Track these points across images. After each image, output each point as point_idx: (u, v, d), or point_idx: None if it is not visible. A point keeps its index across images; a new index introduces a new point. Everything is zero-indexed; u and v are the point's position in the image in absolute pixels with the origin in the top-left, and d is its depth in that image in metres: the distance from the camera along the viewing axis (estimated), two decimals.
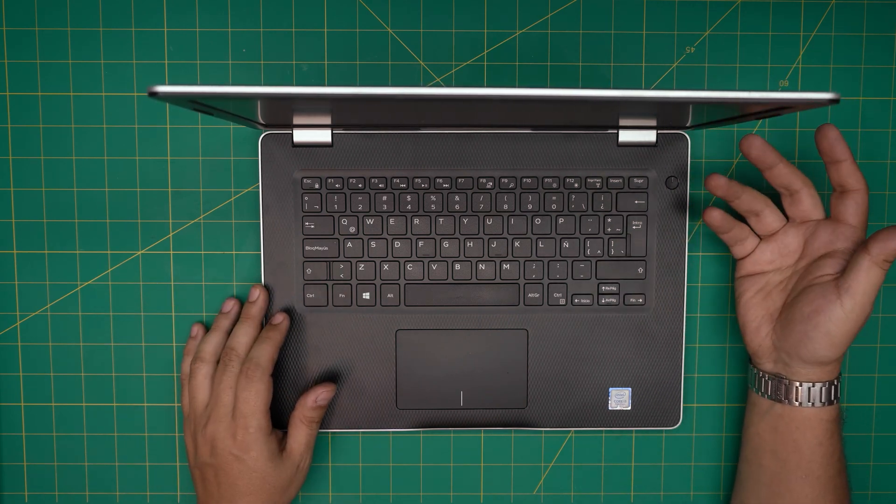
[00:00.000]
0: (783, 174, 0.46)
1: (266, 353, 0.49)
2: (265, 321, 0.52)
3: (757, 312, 0.49)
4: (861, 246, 0.44)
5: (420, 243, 0.52)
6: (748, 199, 0.47)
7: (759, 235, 0.49)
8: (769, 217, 0.48)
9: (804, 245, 0.47)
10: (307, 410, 0.50)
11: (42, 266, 0.54)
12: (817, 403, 0.47)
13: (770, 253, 0.48)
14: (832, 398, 0.47)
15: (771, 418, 0.49)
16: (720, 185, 0.46)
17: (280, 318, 0.51)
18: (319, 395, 0.50)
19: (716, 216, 0.47)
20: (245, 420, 0.47)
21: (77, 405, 0.55)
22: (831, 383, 0.47)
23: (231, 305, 0.52)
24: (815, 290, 0.45)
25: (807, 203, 0.47)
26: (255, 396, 0.48)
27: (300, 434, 0.50)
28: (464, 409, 0.53)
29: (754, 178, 0.54)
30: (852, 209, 0.45)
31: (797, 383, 0.47)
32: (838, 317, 0.44)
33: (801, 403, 0.47)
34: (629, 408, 0.53)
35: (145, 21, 0.52)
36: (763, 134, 0.54)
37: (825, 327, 0.44)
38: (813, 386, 0.47)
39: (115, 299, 0.54)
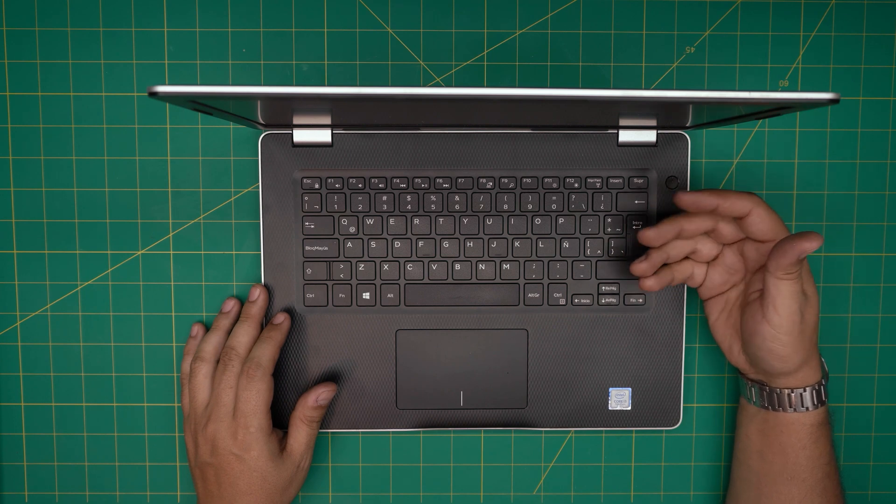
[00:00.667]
0: (691, 230, 0.46)
1: (267, 353, 0.49)
2: (266, 321, 0.52)
3: (725, 332, 0.49)
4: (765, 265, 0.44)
5: (420, 243, 0.52)
6: (675, 253, 0.47)
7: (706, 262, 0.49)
8: (704, 248, 0.48)
9: (743, 260, 0.48)
10: (308, 410, 0.50)
11: (42, 266, 0.54)
12: (800, 408, 0.47)
13: (719, 275, 0.48)
14: (816, 402, 0.47)
15: (758, 421, 0.49)
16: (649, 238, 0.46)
17: (281, 318, 0.51)
18: (320, 395, 0.50)
19: (651, 285, 0.47)
20: (246, 419, 0.47)
21: (77, 405, 0.55)
22: (813, 388, 0.47)
23: (231, 305, 0.52)
24: (748, 310, 0.46)
25: (726, 232, 0.47)
26: (257, 396, 0.48)
27: (300, 434, 0.50)
28: (464, 409, 0.53)
29: (752, 183, 0.54)
30: (756, 229, 0.45)
31: (777, 390, 0.48)
32: (771, 335, 0.45)
33: (784, 409, 0.48)
34: (629, 408, 0.53)
35: (145, 21, 0.52)
36: (763, 134, 0.54)
37: (766, 346, 0.45)
38: (792, 392, 0.47)
39: (115, 299, 0.54)
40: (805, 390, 0.47)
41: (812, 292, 0.46)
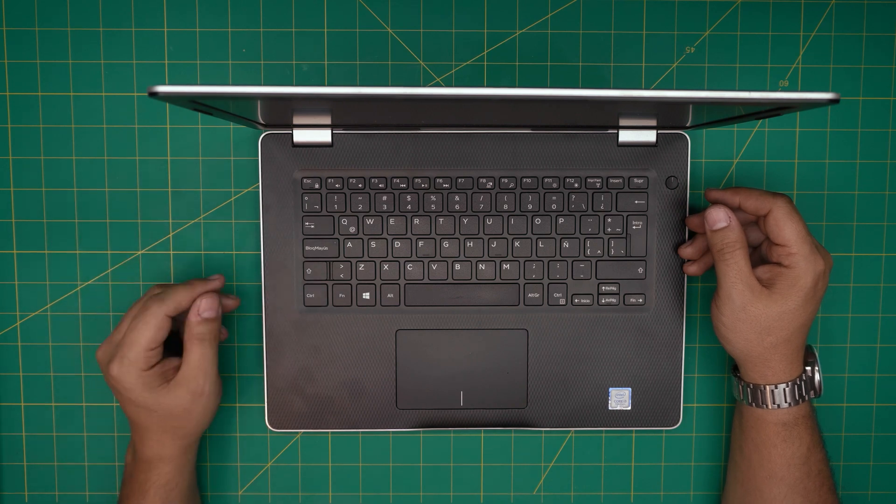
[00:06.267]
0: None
1: (177, 295, 0.47)
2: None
3: None
4: None
5: (420, 243, 0.52)
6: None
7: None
8: (751, 235, 0.49)
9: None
10: (194, 327, 0.47)
11: (42, 266, 0.54)
12: (761, 405, 0.48)
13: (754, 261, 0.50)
14: (780, 401, 0.47)
15: (738, 414, 0.51)
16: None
17: (214, 278, 0.50)
18: (200, 307, 0.47)
19: (693, 270, 0.51)
20: (121, 350, 0.46)
21: (77, 405, 0.55)
22: (778, 386, 0.47)
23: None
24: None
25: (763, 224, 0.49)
26: (143, 328, 0.45)
27: (192, 354, 0.47)
28: (464, 409, 0.53)
29: (751, 183, 0.54)
30: (770, 231, 0.46)
31: (743, 381, 0.49)
32: (717, 305, 0.47)
33: (748, 401, 0.49)
34: (629, 408, 0.53)
35: (145, 21, 0.52)
36: (763, 134, 0.54)
37: (714, 314, 0.48)
38: (754, 386, 0.48)
39: (115, 299, 0.54)
40: (765, 387, 0.47)
41: (783, 295, 0.45)
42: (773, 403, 0.47)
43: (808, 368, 0.48)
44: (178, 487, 0.49)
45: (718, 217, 0.45)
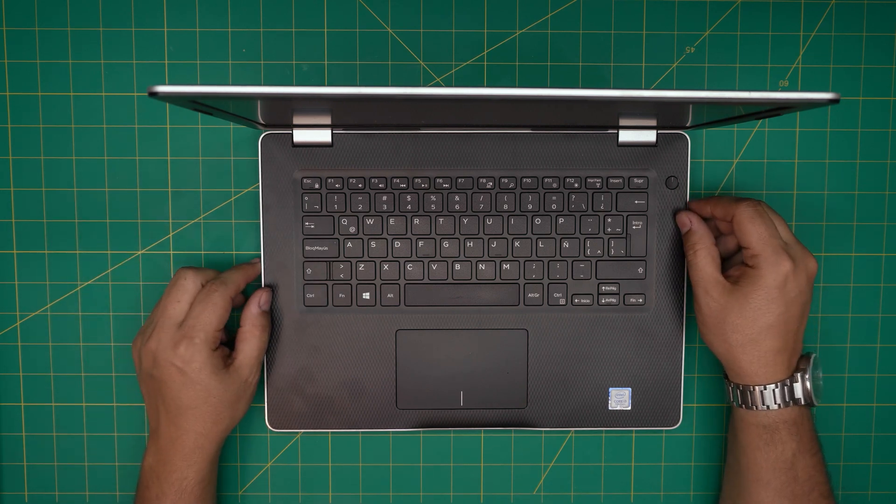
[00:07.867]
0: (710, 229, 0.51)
1: (235, 278, 0.50)
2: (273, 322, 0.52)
3: None
4: None
5: (420, 243, 0.52)
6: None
7: None
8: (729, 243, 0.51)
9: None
10: (256, 318, 0.50)
11: (42, 266, 0.54)
12: (739, 404, 0.48)
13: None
14: (754, 402, 0.47)
15: (731, 416, 0.51)
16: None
17: (255, 261, 0.53)
18: (262, 300, 0.50)
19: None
20: (192, 332, 0.47)
21: (77, 405, 0.55)
22: (757, 387, 0.47)
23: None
24: None
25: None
26: (211, 310, 0.47)
27: (249, 346, 0.49)
28: (464, 409, 0.53)
29: (751, 183, 0.54)
30: (738, 234, 0.47)
31: (728, 380, 0.50)
32: (697, 319, 0.49)
33: (731, 400, 0.49)
34: (629, 408, 0.53)
35: (145, 21, 0.52)
36: (763, 134, 0.54)
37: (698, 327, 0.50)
38: (731, 384, 0.49)
39: (115, 299, 0.54)
40: (744, 387, 0.48)
41: (744, 294, 0.46)
42: (752, 404, 0.48)
43: (798, 375, 0.48)
44: (212, 484, 0.50)
45: (682, 221, 0.51)
